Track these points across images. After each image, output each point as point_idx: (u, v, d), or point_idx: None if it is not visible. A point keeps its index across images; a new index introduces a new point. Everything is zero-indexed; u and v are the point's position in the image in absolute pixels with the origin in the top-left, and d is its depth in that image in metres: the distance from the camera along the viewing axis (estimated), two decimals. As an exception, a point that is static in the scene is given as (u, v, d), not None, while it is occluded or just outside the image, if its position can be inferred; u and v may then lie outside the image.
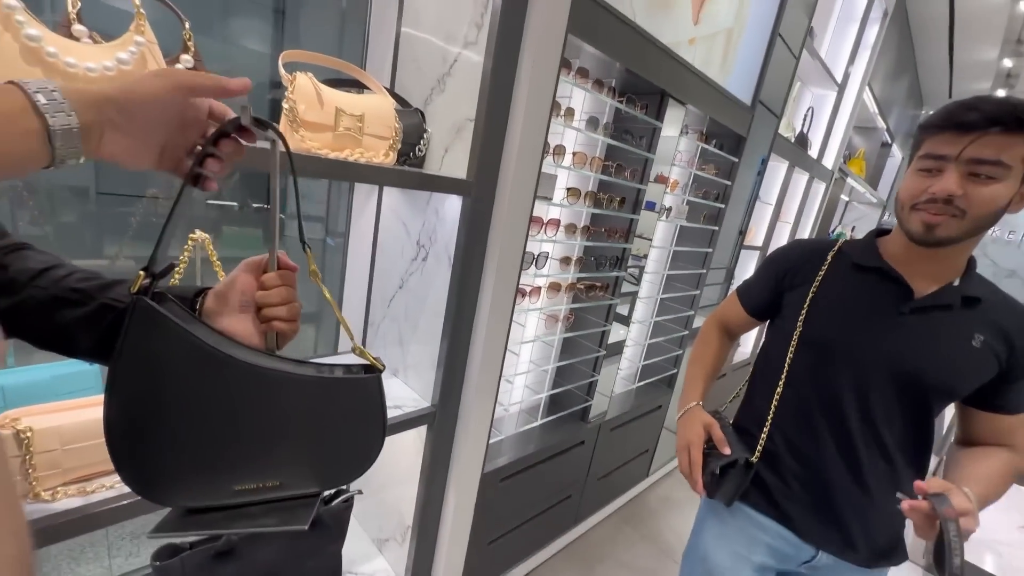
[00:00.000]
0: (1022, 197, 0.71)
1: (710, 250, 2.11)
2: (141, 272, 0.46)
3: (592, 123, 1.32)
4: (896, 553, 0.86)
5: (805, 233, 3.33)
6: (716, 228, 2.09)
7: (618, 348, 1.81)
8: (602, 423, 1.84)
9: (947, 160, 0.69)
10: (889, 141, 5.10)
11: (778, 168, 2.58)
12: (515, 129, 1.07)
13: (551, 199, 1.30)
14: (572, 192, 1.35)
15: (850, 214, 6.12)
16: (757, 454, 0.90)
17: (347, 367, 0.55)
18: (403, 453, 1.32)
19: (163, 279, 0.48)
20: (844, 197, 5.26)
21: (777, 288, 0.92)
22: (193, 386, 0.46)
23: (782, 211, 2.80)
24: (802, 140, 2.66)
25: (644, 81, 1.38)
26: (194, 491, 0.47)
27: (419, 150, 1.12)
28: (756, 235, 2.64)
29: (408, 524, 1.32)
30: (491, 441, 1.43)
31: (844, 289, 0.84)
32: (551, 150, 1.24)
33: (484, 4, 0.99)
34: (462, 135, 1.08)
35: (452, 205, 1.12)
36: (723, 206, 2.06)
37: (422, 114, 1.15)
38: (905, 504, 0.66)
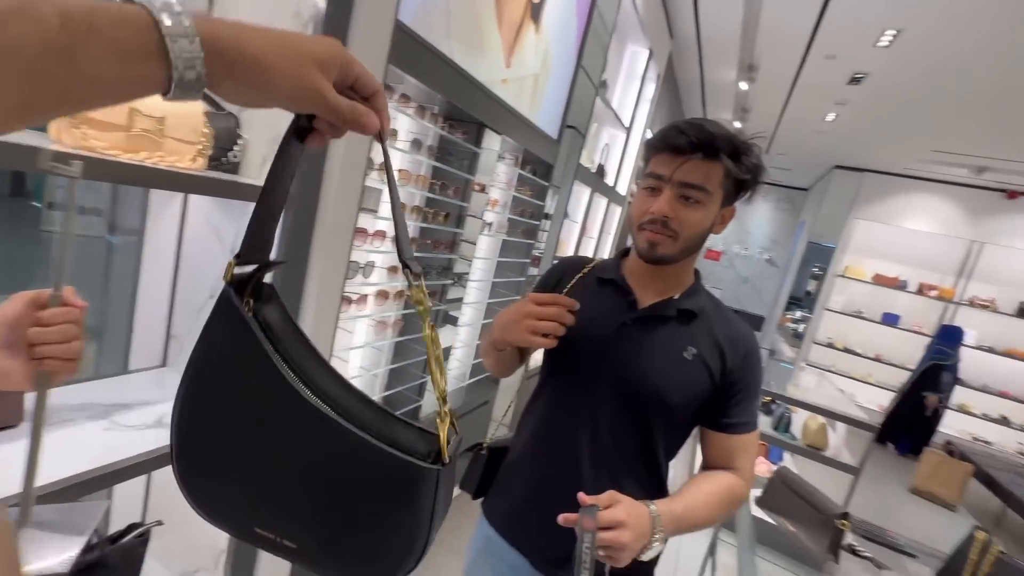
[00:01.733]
0: (723, 219, 0.79)
1: (528, 260, 2.42)
2: (232, 259, 0.41)
3: (416, 145, 1.44)
4: None
5: (607, 246, 3.98)
6: (533, 242, 2.40)
7: (447, 351, 1.96)
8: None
9: (664, 181, 0.74)
10: (668, 174, 6.37)
11: (582, 192, 3.07)
12: (337, 145, 1.13)
13: (377, 212, 1.38)
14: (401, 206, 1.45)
15: (644, 231, 7.41)
16: (487, 444, 0.90)
17: (422, 440, 0.43)
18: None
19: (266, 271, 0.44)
20: (639, 217, 6.39)
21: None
22: (250, 399, 0.41)
23: (587, 228, 3.33)
24: (600, 171, 3.22)
25: (464, 111, 1.56)
26: (223, 511, 0.43)
27: (232, 156, 1.10)
28: (567, 248, 3.09)
29: (222, 548, 1.25)
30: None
31: (586, 301, 0.80)
32: (376, 167, 1.32)
33: (303, 25, 1.04)
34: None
35: (271, 214, 1.12)
36: (538, 223, 2.39)
37: (236, 119, 1.12)
38: (560, 517, 0.63)
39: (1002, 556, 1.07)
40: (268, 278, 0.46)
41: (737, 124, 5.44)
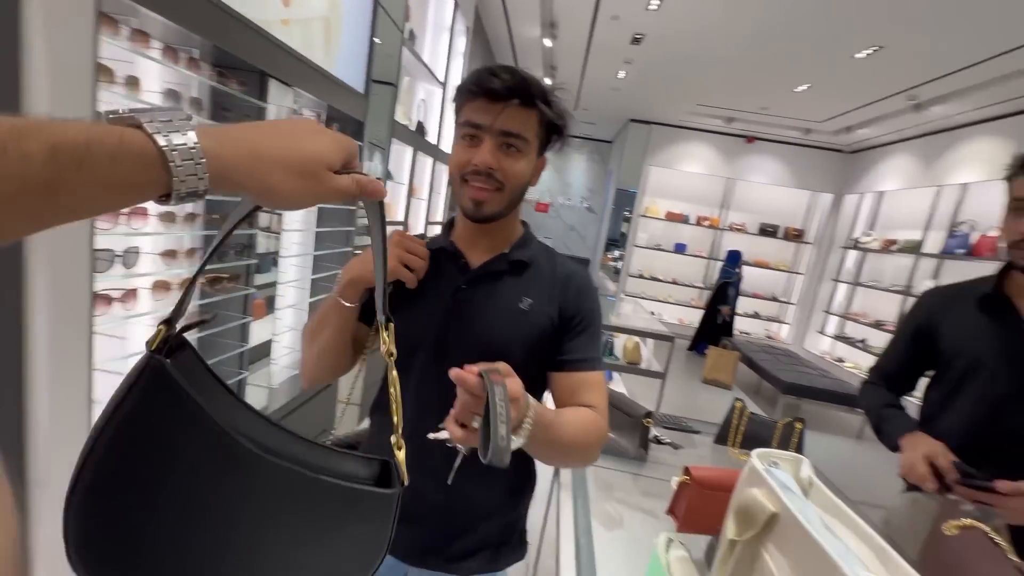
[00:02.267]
0: (537, 169, 0.78)
1: (353, 228, 2.25)
2: (162, 326, 0.39)
3: (172, 98, 1.17)
4: (481, 550, 0.80)
5: (438, 208, 3.93)
6: (355, 207, 2.23)
7: (267, 340, 1.74)
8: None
9: (483, 130, 0.70)
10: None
11: (404, 152, 2.93)
12: (38, 95, 0.84)
13: (129, 184, 1.10)
14: (161, 175, 1.18)
15: (477, 190, 7.55)
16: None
17: (370, 467, 0.44)
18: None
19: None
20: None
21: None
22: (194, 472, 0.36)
23: (415, 189, 3.23)
24: (420, 128, 3.10)
25: (235, 56, 1.31)
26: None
27: None
28: (396, 211, 2.96)
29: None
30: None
31: (423, 278, 0.78)
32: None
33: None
34: (-65, 97, 0.77)
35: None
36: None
37: None
38: (453, 372, 0.56)
39: (752, 416, 1.40)
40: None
41: (548, 80, 5.78)
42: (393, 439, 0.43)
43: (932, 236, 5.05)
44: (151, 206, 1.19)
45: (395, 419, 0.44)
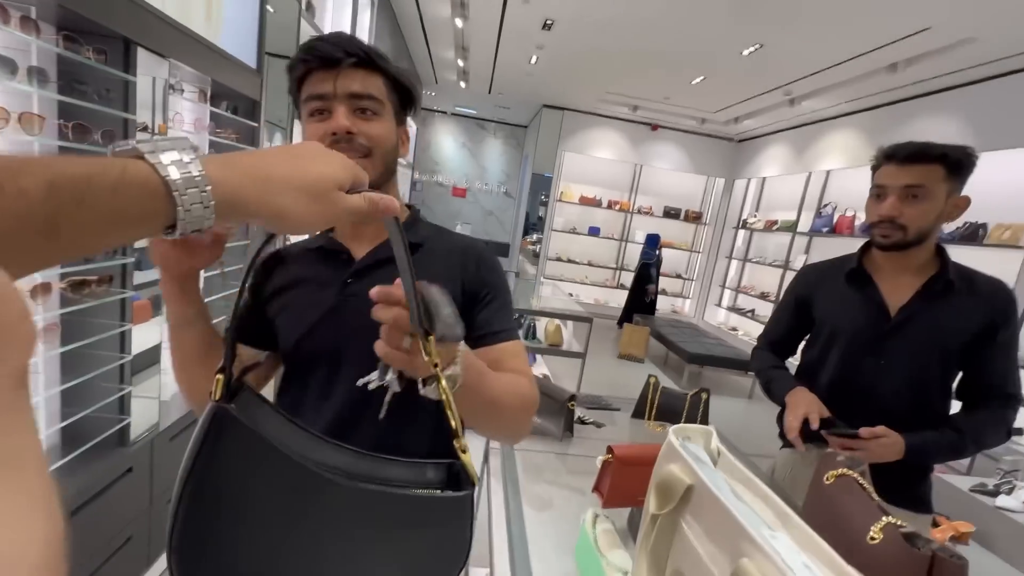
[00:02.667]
0: (403, 139, 0.74)
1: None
2: (219, 375, 0.41)
3: (3, 64, 0.96)
4: None
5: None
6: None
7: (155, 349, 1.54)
8: (155, 437, 1.55)
9: (329, 99, 0.66)
10: (404, 114, 6.26)
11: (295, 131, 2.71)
12: None
13: None
14: (-5, 161, 0.97)
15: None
16: None
17: (438, 472, 0.45)
18: None
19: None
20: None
21: (256, 302, 0.76)
22: (269, 492, 0.38)
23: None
24: (325, 108, 2.88)
25: (88, 19, 1.10)
26: None
27: None
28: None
29: None
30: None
31: (301, 274, 0.74)
32: None
33: None
34: None
35: None
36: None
37: None
38: (373, 291, 0.47)
39: (664, 390, 1.50)
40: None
41: (460, 62, 5.64)
42: (456, 443, 0.45)
43: (804, 216, 5.76)
44: None
45: (454, 424, 0.45)
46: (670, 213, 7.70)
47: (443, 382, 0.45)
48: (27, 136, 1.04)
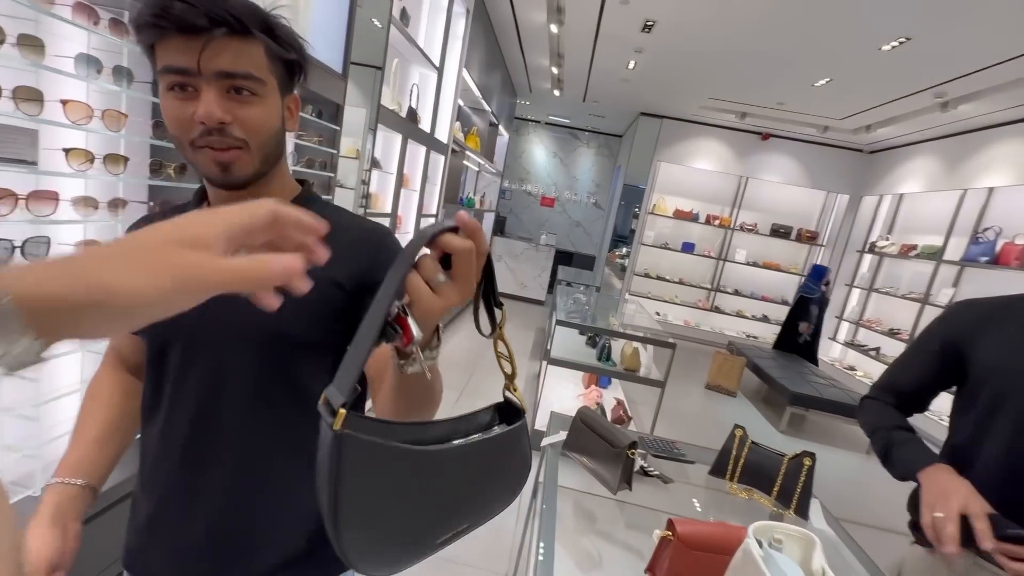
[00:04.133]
0: (291, 113, 0.64)
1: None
2: (341, 409, 0.41)
3: (88, 64, 1.01)
4: (295, 563, 0.66)
5: (432, 199, 3.77)
6: (330, 197, 2.07)
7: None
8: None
9: (193, 75, 0.53)
10: (496, 122, 6.33)
11: (392, 139, 2.77)
12: None
13: (32, 163, 0.95)
14: (77, 155, 1.02)
15: (480, 182, 7.38)
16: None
17: (496, 414, 0.53)
18: None
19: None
20: (473, 167, 6.28)
21: None
22: (406, 483, 0.45)
23: (406, 179, 3.06)
24: (412, 115, 2.93)
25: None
26: (406, 560, 0.48)
27: None
28: (384, 202, 2.80)
29: None
30: (15, 501, 1.02)
31: None
32: (8, 92, 0.88)
33: None
34: None
35: None
36: (333, 175, 2.05)
37: None
38: (461, 213, 0.43)
39: (754, 446, 1.23)
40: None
41: (555, 70, 5.56)
42: (509, 384, 0.51)
43: (954, 242, 4.80)
44: (64, 189, 1.04)
45: (511, 369, 0.50)
46: (778, 232, 6.91)
47: (504, 338, 0.51)
48: (111, 132, 1.09)
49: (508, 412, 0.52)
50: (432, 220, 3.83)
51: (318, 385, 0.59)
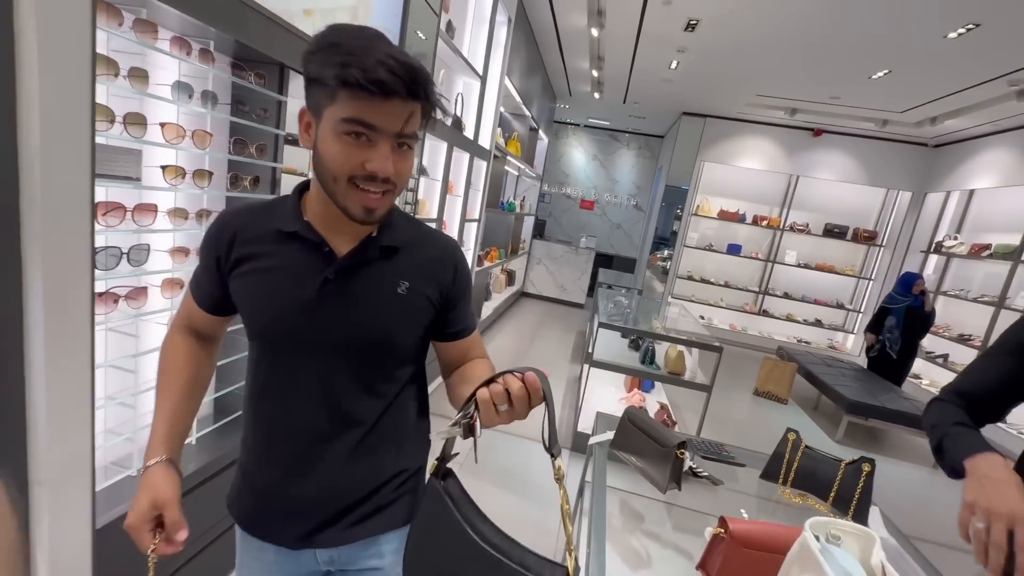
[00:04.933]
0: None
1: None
2: (436, 461, 0.65)
3: (182, 90, 1.13)
4: (383, 509, 0.81)
5: (475, 204, 3.85)
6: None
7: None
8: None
9: (378, 132, 0.61)
10: (536, 126, 6.37)
11: (438, 147, 2.86)
12: (28, 87, 0.81)
13: (137, 179, 1.07)
14: (172, 171, 1.15)
15: (520, 186, 7.45)
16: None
17: (555, 572, 0.58)
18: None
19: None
20: (513, 172, 6.35)
21: (217, 273, 0.74)
22: (450, 550, 0.61)
23: (450, 186, 3.16)
24: (457, 123, 3.03)
25: (253, 49, 1.26)
26: None
27: None
28: (429, 208, 2.90)
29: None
30: (112, 482, 1.15)
31: (272, 262, 0.71)
32: (119, 119, 1.01)
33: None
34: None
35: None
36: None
37: None
38: (531, 376, 0.59)
39: (808, 450, 1.20)
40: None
41: (595, 73, 5.56)
42: (569, 556, 0.56)
43: (1034, 241, 4.43)
44: (161, 202, 1.17)
45: (568, 533, 0.57)
46: (833, 231, 6.58)
47: (563, 492, 0.58)
48: (198, 150, 1.21)
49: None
50: (475, 224, 3.91)
51: (405, 373, 0.81)
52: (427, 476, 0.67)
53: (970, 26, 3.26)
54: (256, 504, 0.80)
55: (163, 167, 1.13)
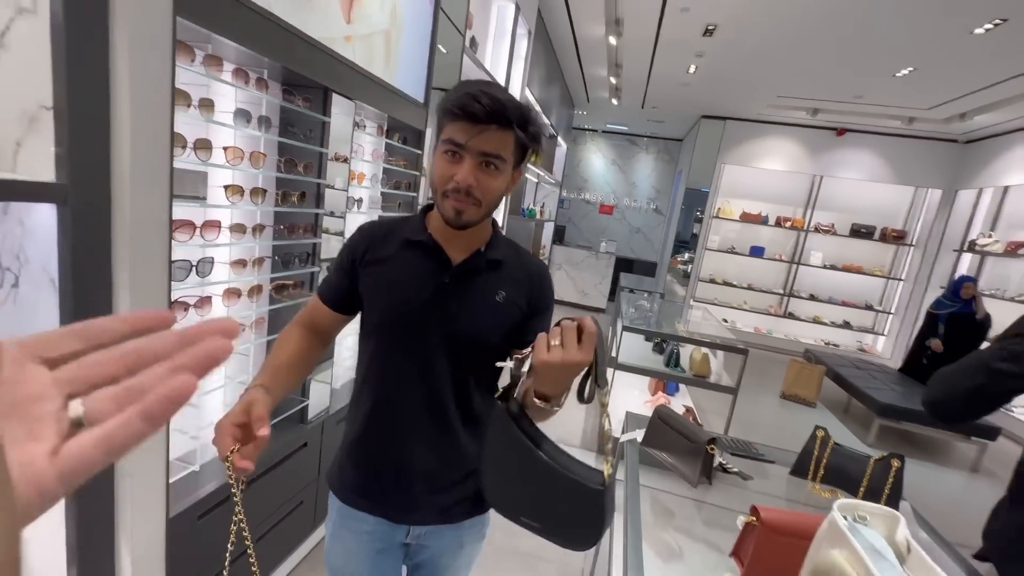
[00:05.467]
0: (514, 180, 0.86)
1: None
2: (502, 389, 0.78)
3: (241, 116, 1.24)
4: (472, 504, 0.94)
5: (499, 212, 3.94)
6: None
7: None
8: (326, 419, 1.82)
9: (464, 148, 0.76)
10: (555, 134, 6.45)
11: (464, 158, 2.96)
12: (121, 121, 0.92)
13: (204, 198, 1.18)
14: (233, 190, 1.26)
15: (540, 193, 7.53)
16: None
17: (590, 473, 0.73)
18: (35, 536, 1.03)
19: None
20: (532, 179, 6.44)
21: (351, 276, 0.89)
22: (511, 458, 0.75)
23: (475, 195, 3.25)
24: (481, 134, 3.12)
25: (301, 74, 1.37)
26: (505, 508, 0.79)
27: (-29, 144, 0.85)
28: (456, 217, 2.99)
29: None
30: (179, 476, 1.26)
31: (400, 264, 0.86)
32: (191, 144, 1.12)
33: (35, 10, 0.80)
34: (38, 127, 0.86)
35: (44, 215, 0.89)
36: (415, 195, 2.26)
37: (-31, 97, 0.86)
38: (587, 321, 0.67)
39: (837, 447, 1.23)
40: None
41: (613, 80, 5.61)
42: (606, 462, 0.71)
43: (1074, 237, 4.28)
44: (224, 219, 1.27)
45: (606, 470, 0.71)
46: (859, 232, 6.46)
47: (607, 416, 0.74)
48: (254, 170, 1.32)
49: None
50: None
51: (492, 374, 0.93)
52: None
53: (997, 21, 3.21)
54: (362, 479, 0.91)
55: (226, 186, 1.24)
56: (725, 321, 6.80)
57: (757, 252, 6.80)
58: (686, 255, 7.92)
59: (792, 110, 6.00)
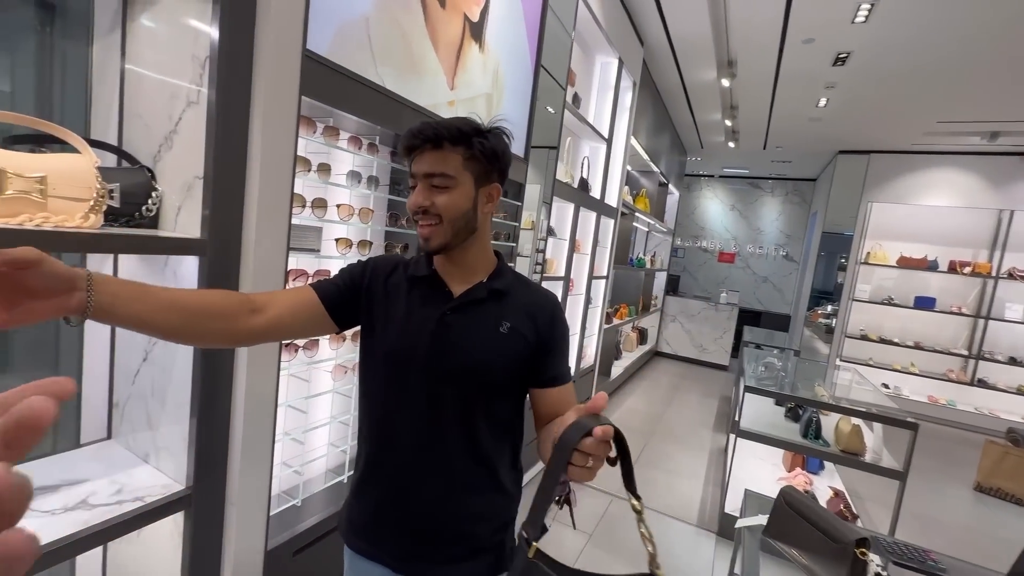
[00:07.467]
0: (490, 197, 0.84)
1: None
2: (535, 544, 0.66)
3: (353, 177, 1.38)
4: (478, 554, 0.87)
5: (603, 261, 3.84)
6: (513, 264, 2.31)
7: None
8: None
9: (415, 177, 0.81)
10: (665, 181, 6.26)
11: (565, 209, 2.97)
12: (252, 186, 1.07)
13: (318, 251, 1.31)
14: (344, 243, 1.38)
15: (651, 242, 7.27)
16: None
17: None
18: (158, 551, 1.14)
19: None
20: (642, 228, 6.26)
21: (354, 286, 0.88)
22: None
23: (578, 244, 3.22)
24: (583, 185, 3.13)
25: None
26: None
27: (147, 210, 1.05)
28: (557, 267, 2.98)
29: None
30: (280, 509, 1.33)
31: (405, 300, 0.87)
32: (309, 203, 1.26)
33: (201, 66, 1.00)
34: (192, 193, 1.04)
35: (190, 266, 1.06)
36: (514, 245, 2.30)
37: (151, 172, 1.08)
38: (602, 432, 0.58)
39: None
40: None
41: (728, 122, 5.34)
42: (651, 565, 0.62)
43: None
44: (334, 268, 1.40)
45: (651, 550, 0.62)
46: (1078, 278, 5.04)
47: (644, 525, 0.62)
48: (363, 224, 1.45)
49: None
50: (603, 281, 3.89)
51: (501, 410, 0.88)
52: (515, 534, 0.72)
53: None
54: (364, 520, 0.89)
55: (336, 240, 1.37)
56: (886, 387, 5.64)
57: (925, 304, 5.65)
58: (828, 307, 6.90)
59: (960, 136, 5.09)
